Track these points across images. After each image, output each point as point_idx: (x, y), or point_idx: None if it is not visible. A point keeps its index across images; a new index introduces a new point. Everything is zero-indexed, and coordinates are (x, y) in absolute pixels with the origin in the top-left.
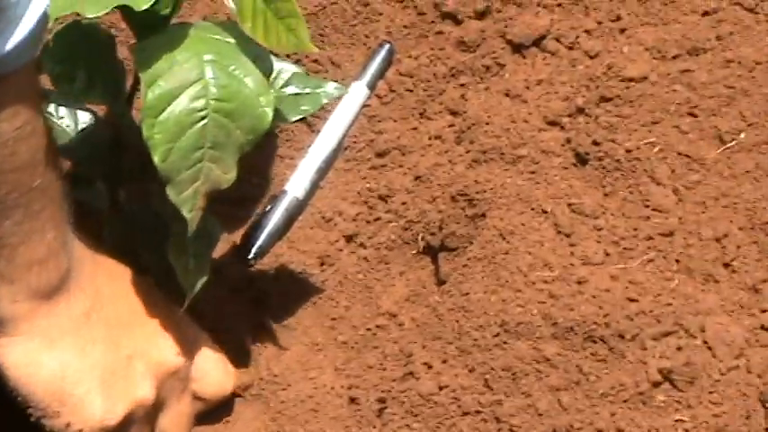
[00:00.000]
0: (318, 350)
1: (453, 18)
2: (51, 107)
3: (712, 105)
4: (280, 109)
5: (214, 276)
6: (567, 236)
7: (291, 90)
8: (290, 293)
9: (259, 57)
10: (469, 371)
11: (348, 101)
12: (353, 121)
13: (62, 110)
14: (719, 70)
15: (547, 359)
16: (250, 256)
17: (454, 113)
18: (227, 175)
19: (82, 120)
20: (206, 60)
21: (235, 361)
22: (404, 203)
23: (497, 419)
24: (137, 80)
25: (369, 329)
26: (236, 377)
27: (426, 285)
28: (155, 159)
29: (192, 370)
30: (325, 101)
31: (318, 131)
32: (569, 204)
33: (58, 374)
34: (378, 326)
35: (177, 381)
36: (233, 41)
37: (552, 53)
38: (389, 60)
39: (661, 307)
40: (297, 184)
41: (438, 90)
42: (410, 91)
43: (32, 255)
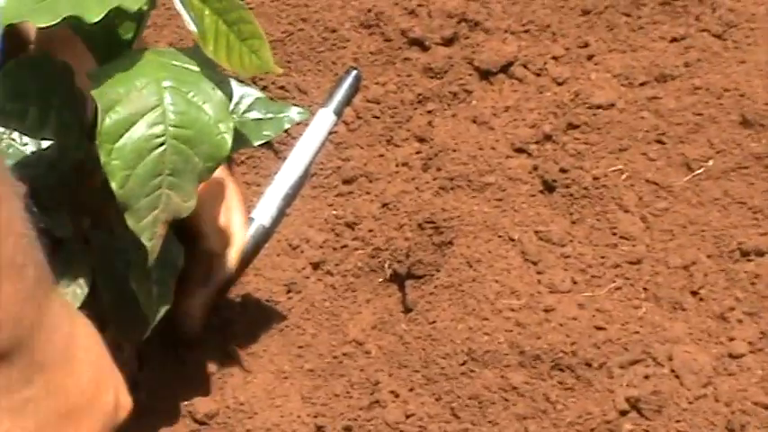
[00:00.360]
0: (285, 378)
1: (420, 44)
2: (15, 134)
3: (680, 132)
4: (244, 133)
5: None
6: (535, 263)
7: (254, 115)
8: (257, 321)
9: (220, 83)
10: (436, 399)
11: (315, 127)
12: (320, 148)
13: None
14: (687, 97)
15: (514, 388)
16: None
17: (421, 140)
18: (186, 203)
19: (45, 145)
20: (165, 86)
21: (201, 389)
22: (371, 231)
23: None
24: None
25: (335, 357)
26: None
27: (393, 313)
28: (112, 186)
29: None
30: (287, 126)
31: (285, 158)
32: (536, 232)
33: None
34: (344, 354)
35: None
36: (193, 67)
37: (520, 80)
38: (356, 87)
39: (628, 335)
40: (263, 212)
41: (405, 117)
42: (377, 118)
43: None
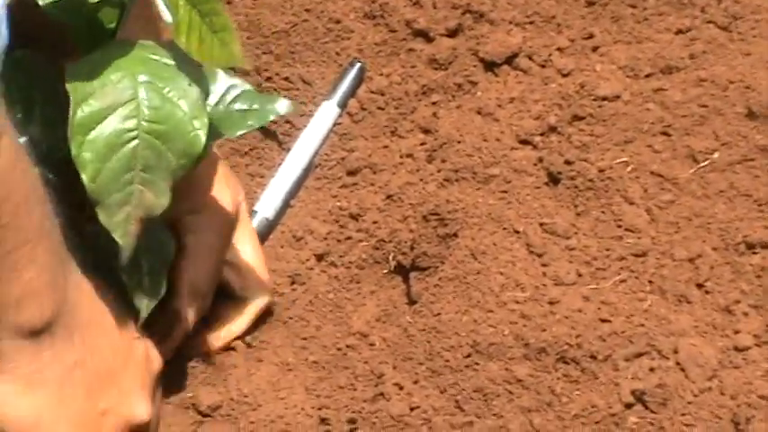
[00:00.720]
0: (289, 370)
1: (425, 36)
2: None
3: (686, 124)
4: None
5: None
6: (539, 256)
7: (239, 106)
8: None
9: (197, 79)
10: (441, 392)
11: (319, 119)
12: (324, 140)
13: None
14: (693, 89)
15: (518, 380)
16: None
17: (426, 132)
18: (159, 200)
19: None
20: (141, 81)
21: (205, 381)
22: (375, 222)
23: None
24: None
25: (339, 349)
26: None
27: (397, 305)
28: (83, 179)
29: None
30: (272, 117)
31: (289, 150)
32: (541, 224)
33: (32, 420)
34: (348, 346)
35: None
36: (170, 62)
37: (524, 71)
38: (361, 78)
39: (634, 328)
40: (267, 204)
41: (410, 108)
42: (381, 109)
43: (4, 294)
